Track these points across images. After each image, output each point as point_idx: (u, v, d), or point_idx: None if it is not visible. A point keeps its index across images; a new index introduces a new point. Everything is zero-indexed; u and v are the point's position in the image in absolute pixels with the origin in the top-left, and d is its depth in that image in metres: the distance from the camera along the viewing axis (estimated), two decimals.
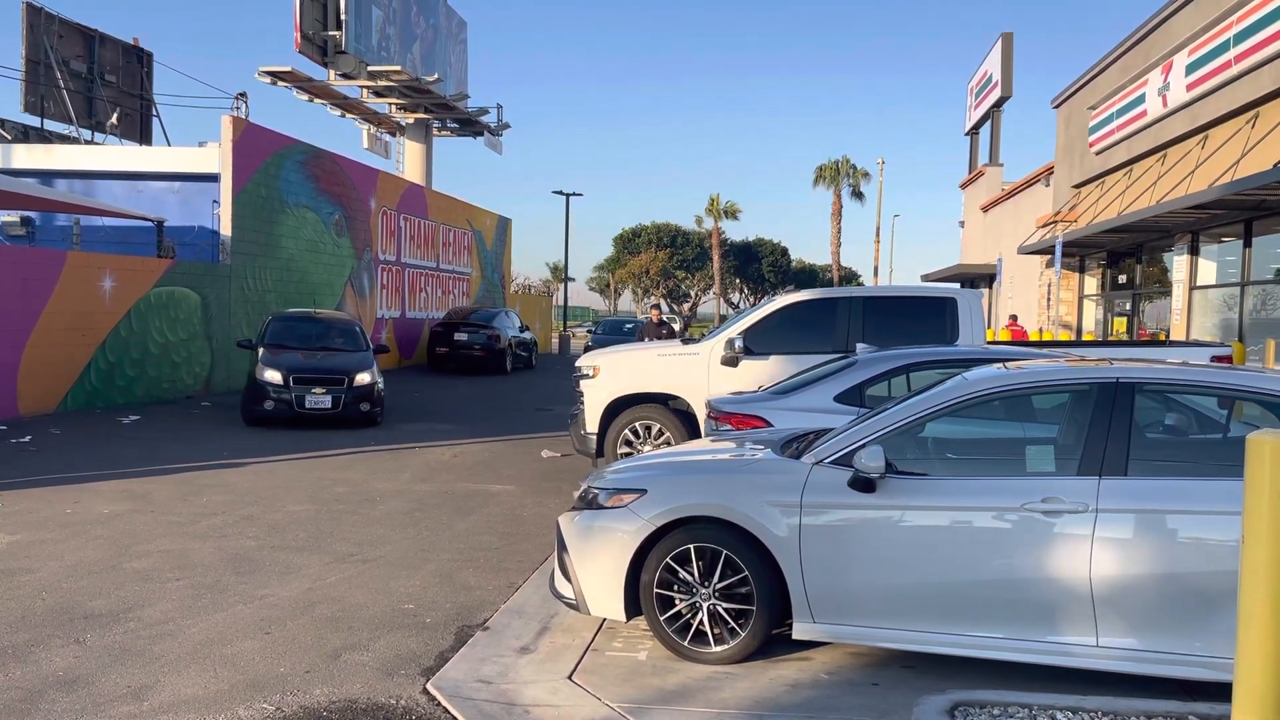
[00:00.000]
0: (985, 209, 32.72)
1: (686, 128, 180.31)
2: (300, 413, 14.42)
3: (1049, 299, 24.05)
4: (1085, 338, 23.06)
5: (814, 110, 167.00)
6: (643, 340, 14.86)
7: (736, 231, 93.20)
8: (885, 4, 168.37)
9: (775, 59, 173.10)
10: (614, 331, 28.94)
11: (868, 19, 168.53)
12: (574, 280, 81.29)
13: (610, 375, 10.45)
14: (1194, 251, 17.47)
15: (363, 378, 14.83)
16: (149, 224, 19.38)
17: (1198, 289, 17.40)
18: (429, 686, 4.80)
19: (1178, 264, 17.92)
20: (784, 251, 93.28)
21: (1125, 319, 21.37)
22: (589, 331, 36.62)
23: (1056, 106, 25.69)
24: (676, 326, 28.14)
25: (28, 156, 21.70)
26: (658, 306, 15.68)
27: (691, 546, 5.03)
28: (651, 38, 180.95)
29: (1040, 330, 24.06)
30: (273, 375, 14.52)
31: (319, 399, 14.47)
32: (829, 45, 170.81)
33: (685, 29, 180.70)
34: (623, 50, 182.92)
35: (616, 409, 10.41)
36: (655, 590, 5.08)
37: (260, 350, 15.22)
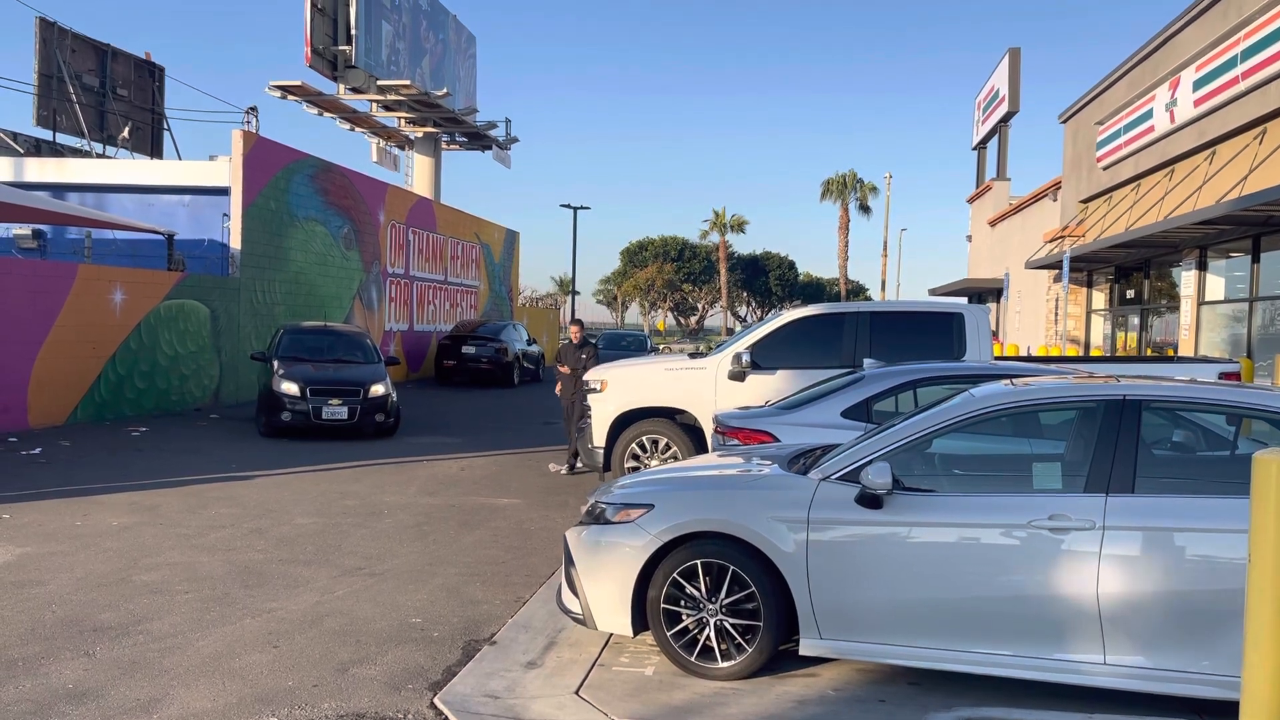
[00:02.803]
0: (993, 223, 32.72)
1: (694, 141, 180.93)
2: (317, 424, 14.56)
3: (1056, 314, 24.02)
4: (1093, 353, 23.01)
5: (821, 124, 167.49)
6: (559, 362, 12.55)
7: (744, 245, 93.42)
8: (893, 19, 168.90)
9: (783, 73, 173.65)
10: (613, 346, 28.71)
11: (875, 34, 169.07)
12: (580, 294, 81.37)
13: (617, 389, 10.46)
14: (1202, 267, 17.45)
15: (377, 389, 15.01)
16: (159, 237, 19.51)
17: (1206, 304, 17.37)
18: (436, 701, 4.81)
19: (1186, 279, 17.90)
20: (791, 265, 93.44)
21: (1135, 334, 21.32)
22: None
23: (1064, 121, 25.72)
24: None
25: (40, 170, 21.86)
26: (578, 322, 12.85)
27: (698, 562, 5.04)
28: (659, 52, 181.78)
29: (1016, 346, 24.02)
30: (289, 387, 14.63)
31: (335, 410, 14.59)
32: (837, 59, 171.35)
33: (692, 43, 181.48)
34: (630, 65, 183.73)
35: (623, 423, 10.42)
36: (662, 605, 5.08)
37: (275, 362, 15.30)
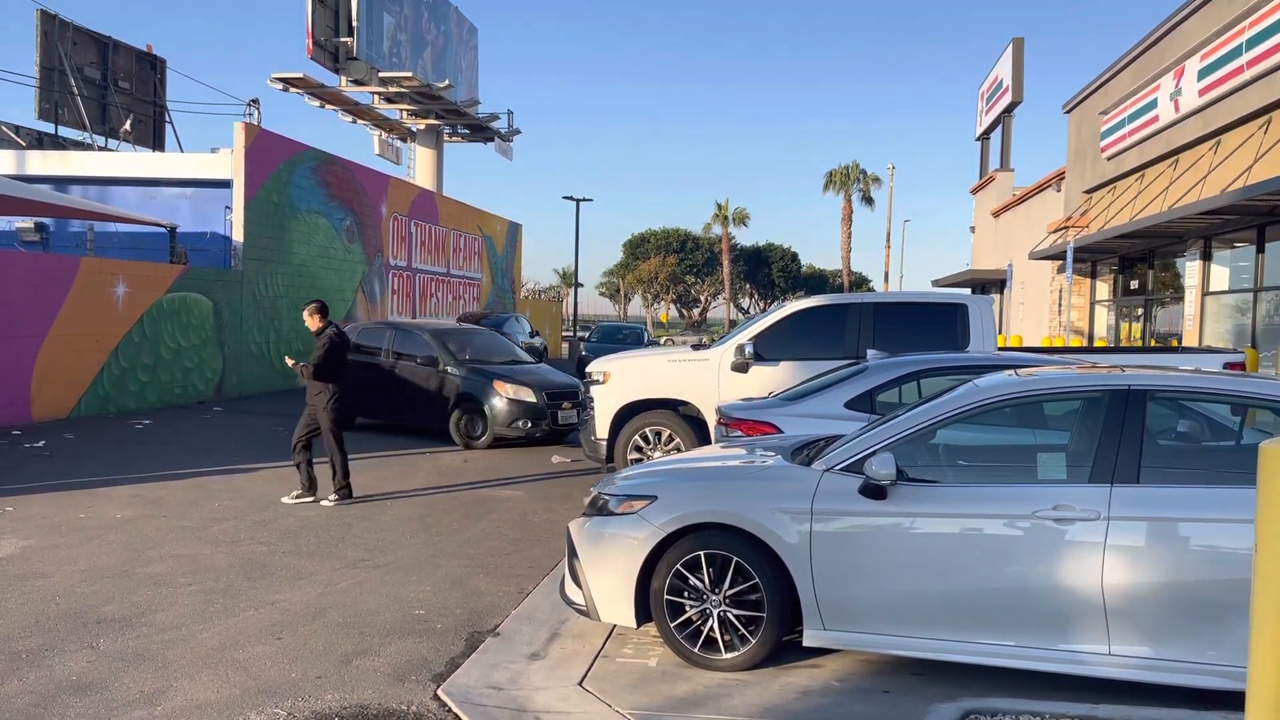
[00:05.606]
0: (996, 214, 32.64)
1: (697, 133, 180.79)
2: (553, 429, 13.77)
3: (1060, 305, 23.97)
4: (1097, 344, 22.97)
5: (825, 115, 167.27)
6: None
7: (746, 236, 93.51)
8: (896, 10, 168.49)
9: (786, 65, 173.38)
10: (609, 339, 28.53)
11: (879, 24, 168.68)
12: (583, 285, 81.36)
13: (620, 381, 10.45)
14: (1207, 257, 17.39)
15: (574, 390, 14.10)
16: (162, 230, 19.51)
17: (1210, 295, 17.31)
18: (440, 692, 4.81)
19: (1190, 270, 17.84)
20: (794, 257, 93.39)
21: (1139, 325, 21.28)
22: (581, 340, 35.80)
23: (1068, 111, 25.62)
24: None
25: (42, 163, 21.86)
26: (316, 304, 9.80)
27: (702, 553, 5.03)
28: (662, 45, 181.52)
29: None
30: (527, 394, 13.61)
31: (568, 414, 13.76)
32: (840, 50, 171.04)
33: (696, 36, 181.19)
34: (633, 57, 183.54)
35: (626, 415, 10.41)
36: (665, 597, 5.08)
37: (470, 367, 14.18)
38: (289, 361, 9.80)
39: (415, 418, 14.58)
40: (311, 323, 9.65)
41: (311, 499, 9.42)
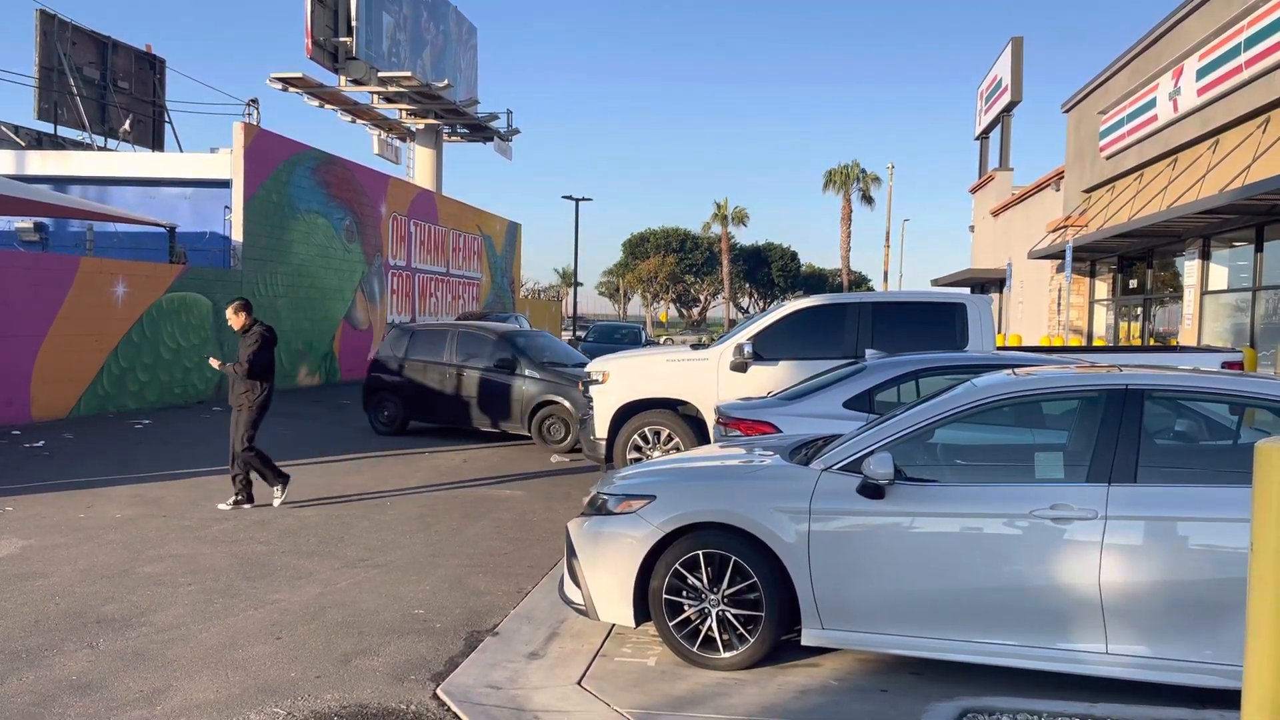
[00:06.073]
0: (995, 214, 32.65)
1: (697, 133, 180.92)
2: None
3: (1059, 304, 23.98)
4: (1095, 343, 22.99)
5: (824, 114, 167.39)
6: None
7: (746, 236, 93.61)
8: (896, 10, 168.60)
9: (786, 64, 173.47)
10: (605, 339, 28.36)
11: (878, 23, 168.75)
12: (583, 285, 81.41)
13: (620, 381, 10.46)
14: (1205, 256, 17.40)
15: None
16: (161, 230, 19.53)
17: (1209, 294, 17.32)
18: (439, 692, 4.82)
19: (1189, 269, 17.85)
20: (793, 256, 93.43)
21: (1138, 324, 21.28)
22: (578, 339, 35.25)
23: (1067, 111, 25.64)
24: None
25: (42, 163, 21.87)
26: (241, 301, 9.52)
27: (700, 553, 5.04)
28: (662, 45, 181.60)
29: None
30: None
31: None
32: (840, 50, 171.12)
33: (695, 36, 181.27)
34: (632, 56, 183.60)
35: (626, 414, 10.42)
36: (664, 596, 5.09)
37: (550, 371, 13.87)
38: (214, 363, 9.25)
39: (485, 421, 14.31)
40: (236, 321, 9.27)
41: (249, 505, 9.11)
